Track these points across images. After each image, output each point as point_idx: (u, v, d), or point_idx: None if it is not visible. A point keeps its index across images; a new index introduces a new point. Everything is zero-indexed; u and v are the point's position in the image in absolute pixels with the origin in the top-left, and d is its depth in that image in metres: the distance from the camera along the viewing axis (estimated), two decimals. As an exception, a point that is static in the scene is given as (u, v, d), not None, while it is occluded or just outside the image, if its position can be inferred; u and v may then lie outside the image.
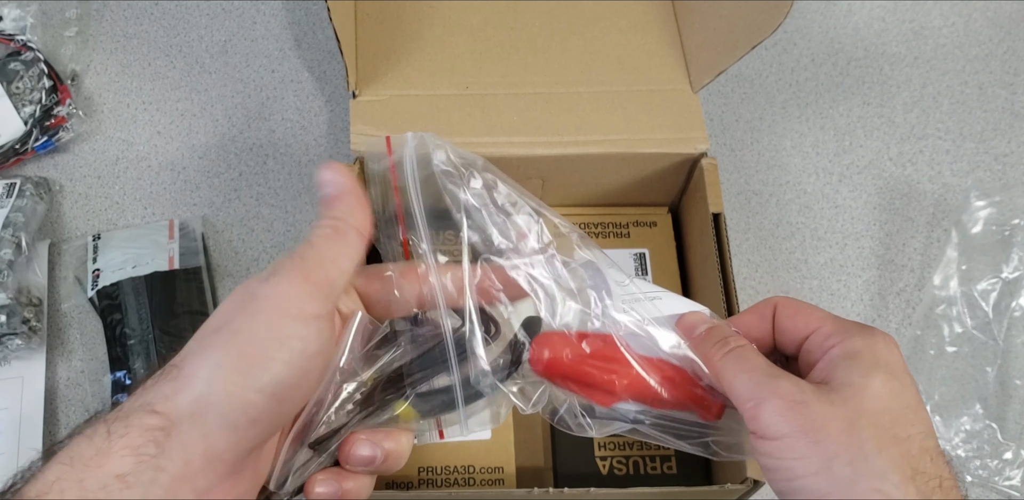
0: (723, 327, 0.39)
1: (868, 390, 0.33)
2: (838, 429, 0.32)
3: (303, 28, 0.79)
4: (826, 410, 0.32)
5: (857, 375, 0.34)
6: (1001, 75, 0.79)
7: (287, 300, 0.34)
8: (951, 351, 0.64)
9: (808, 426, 0.32)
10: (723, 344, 0.37)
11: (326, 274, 0.35)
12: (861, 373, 0.34)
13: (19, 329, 0.61)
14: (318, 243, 0.36)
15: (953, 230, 0.68)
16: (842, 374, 0.34)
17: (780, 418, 0.33)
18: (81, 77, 0.75)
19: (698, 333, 0.39)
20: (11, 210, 0.65)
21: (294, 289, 0.34)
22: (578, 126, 0.61)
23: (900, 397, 0.33)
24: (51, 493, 0.29)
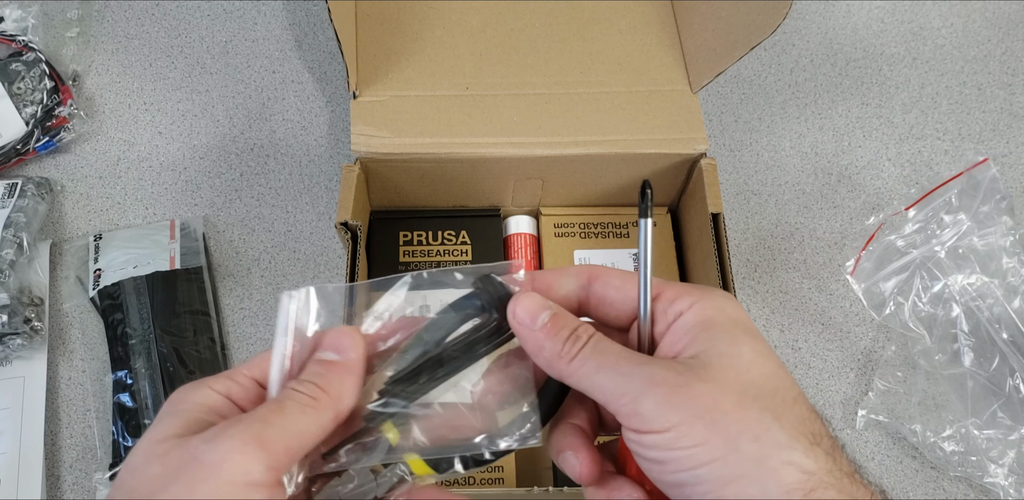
0: (566, 315, 0.34)
1: (742, 358, 0.31)
2: (732, 404, 0.29)
3: (304, 29, 0.79)
4: (711, 388, 0.30)
5: (725, 343, 0.31)
6: (1000, 76, 0.79)
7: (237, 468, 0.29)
8: (936, 348, 0.64)
9: (699, 409, 0.29)
10: (574, 339, 0.32)
11: (287, 446, 0.30)
12: (727, 340, 0.31)
13: (21, 329, 0.61)
14: (291, 411, 0.31)
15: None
16: (706, 344, 0.31)
17: (666, 407, 0.29)
18: (82, 78, 0.76)
19: (540, 325, 0.33)
20: (13, 210, 0.65)
21: (247, 457, 0.29)
22: (578, 126, 0.61)
23: (770, 358, 0.31)
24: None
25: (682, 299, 0.33)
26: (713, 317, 0.32)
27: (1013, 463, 0.60)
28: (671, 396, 0.30)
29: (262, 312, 0.67)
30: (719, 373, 0.30)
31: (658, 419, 0.29)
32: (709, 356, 0.31)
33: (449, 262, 0.65)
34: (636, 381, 0.30)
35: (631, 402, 0.30)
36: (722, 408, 0.29)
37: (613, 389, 0.31)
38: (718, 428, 0.29)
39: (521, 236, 0.66)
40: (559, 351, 0.32)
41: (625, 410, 0.30)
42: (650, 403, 0.30)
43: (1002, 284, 0.65)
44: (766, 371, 0.31)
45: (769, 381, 0.30)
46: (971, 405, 0.62)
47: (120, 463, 0.58)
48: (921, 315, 0.65)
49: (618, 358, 0.32)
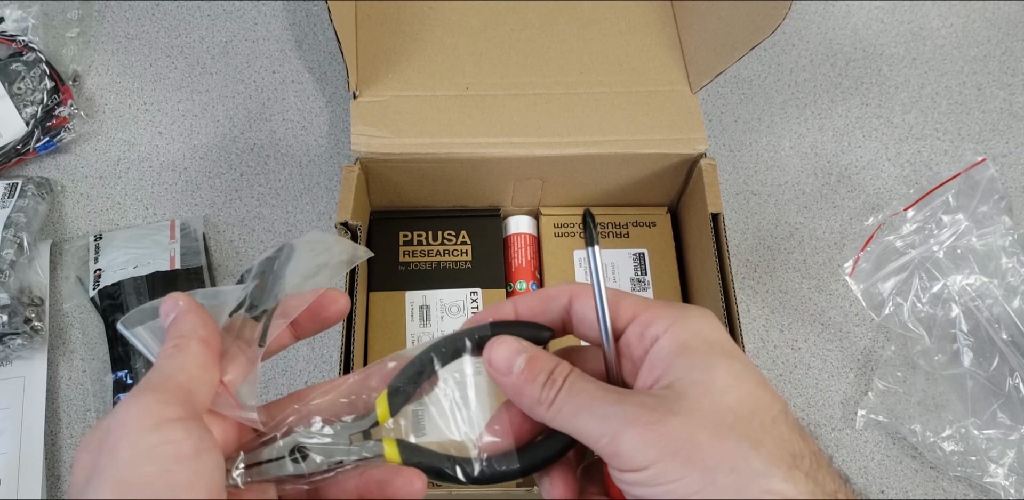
0: (540, 356, 0.34)
1: (716, 384, 0.30)
2: (706, 438, 0.29)
3: (304, 29, 0.79)
4: (685, 422, 0.30)
5: (698, 370, 0.31)
6: (999, 76, 0.79)
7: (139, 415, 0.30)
8: (935, 348, 0.64)
9: (674, 445, 0.29)
10: (551, 384, 0.32)
11: (175, 383, 0.31)
12: (701, 366, 0.31)
13: (21, 329, 0.62)
14: (162, 363, 0.32)
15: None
16: (681, 372, 0.31)
17: (642, 447, 0.29)
18: (83, 78, 0.76)
19: (517, 372, 0.33)
20: (13, 210, 0.65)
21: (142, 403, 0.30)
22: (578, 127, 0.61)
23: (747, 380, 0.31)
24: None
25: (657, 323, 0.33)
26: (687, 341, 0.32)
27: (1013, 463, 0.60)
28: (646, 434, 0.30)
29: (262, 312, 0.67)
30: (693, 403, 0.30)
31: (636, 458, 0.30)
32: (683, 385, 0.31)
33: (449, 262, 0.65)
34: (612, 422, 0.30)
35: (609, 443, 0.30)
36: (697, 441, 0.29)
37: (591, 431, 0.31)
38: (694, 462, 0.29)
39: (521, 236, 0.66)
40: (538, 397, 0.33)
41: (605, 451, 0.31)
42: (627, 443, 0.30)
43: (1001, 284, 0.65)
44: (742, 394, 0.30)
45: (745, 405, 0.30)
46: (971, 405, 0.62)
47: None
48: (920, 315, 0.65)
49: (592, 399, 0.32)
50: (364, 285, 0.61)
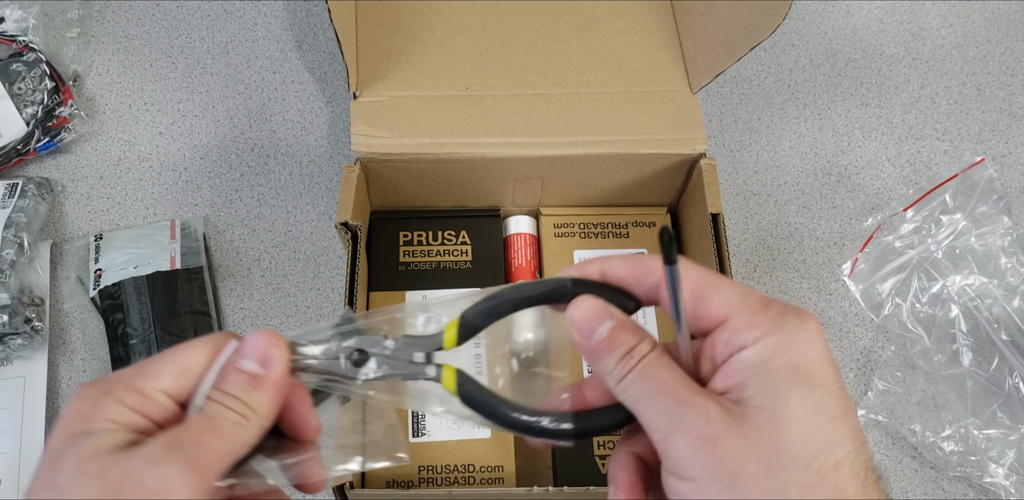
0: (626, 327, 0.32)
1: (784, 413, 0.28)
2: (756, 472, 0.28)
3: (304, 29, 0.79)
4: (740, 447, 0.28)
5: (771, 394, 0.29)
6: (999, 76, 0.79)
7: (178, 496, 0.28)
8: (935, 349, 0.64)
9: (722, 469, 0.28)
10: (627, 360, 0.31)
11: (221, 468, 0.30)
12: (775, 391, 0.29)
13: (21, 329, 0.62)
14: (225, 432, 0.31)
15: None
16: (754, 392, 0.29)
17: (690, 458, 0.28)
18: (83, 78, 0.76)
19: (597, 339, 0.32)
20: (13, 210, 0.65)
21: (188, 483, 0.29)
22: (577, 127, 0.61)
23: (821, 412, 0.29)
24: None
25: (746, 332, 0.30)
26: (771, 360, 0.29)
27: (1013, 463, 0.60)
28: (698, 447, 0.29)
29: (262, 312, 0.67)
30: (754, 430, 0.28)
31: (681, 465, 0.29)
32: (750, 406, 0.29)
33: (449, 262, 0.65)
34: (670, 422, 0.29)
35: (662, 440, 0.29)
36: (744, 474, 0.28)
37: (648, 422, 0.30)
38: (736, 493, 0.28)
39: (521, 236, 0.66)
40: (610, 370, 0.31)
41: (658, 446, 0.30)
42: (677, 448, 0.29)
43: (1001, 284, 0.65)
44: (809, 430, 0.28)
45: (809, 443, 0.28)
46: (970, 405, 0.62)
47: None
48: (920, 316, 0.65)
49: (660, 389, 0.30)
50: (364, 285, 0.61)
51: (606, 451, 0.58)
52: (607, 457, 0.58)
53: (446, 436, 0.58)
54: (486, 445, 0.58)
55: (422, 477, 0.57)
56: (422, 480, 0.57)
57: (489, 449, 0.58)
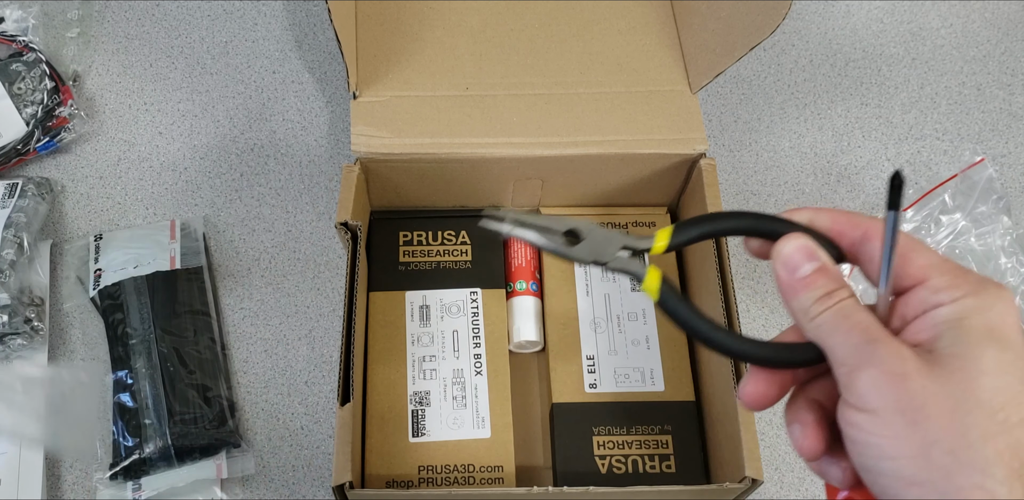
0: (829, 272, 0.33)
1: (977, 364, 0.29)
2: (941, 410, 0.28)
3: (304, 29, 0.79)
4: (928, 386, 0.29)
5: (965, 345, 0.29)
6: (999, 76, 0.79)
7: None
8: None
9: (907, 403, 0.28)
10: (827, 298, 0.32)
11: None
12: (970, 343, 0.29)
13: (21, 329, 0.62)
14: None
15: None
16: (948, 343, 0.30)
17: (875, 390, 0.29)
18: (83, 78, 0.76)
19: (800, 277, 0.33)
20: (13, 210, 0.65)
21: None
22: (577, 127, 0.61)
23: (1012, 371, 0.29)
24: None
25: (946, 292, 0.31)
26: (967, 318, 0.30)
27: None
28: (884, 381, 0.29)
29: (262, 312, 0.67)
30: (945, 373, 0.29)
31: (865, 398, 0.29)
32: (943, 355, 0.30)
33: (449, 262, 0.65)
34: (859, 355, 0.30)
35: (848, 373, 0.30)
36: (928, 410, 0.28)
37: (839, 355, 0.31)
38: (917, 429, 0.28)
39: (521, 236, 0.66)
40: (806, 308, 0.32)
41: (842, 379, 0.30)
42: (863, 380, 0.29)
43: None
44: (999, 384, 0.29)
45: (997, 395, 0.29)
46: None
47: (121, 463, 0.58)
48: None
49: (854, 326, 0.31)
50: (364, 285, 0.61)
51: (606, 451, 0.58)
52: (607, 457, 0.58)
53: (446, 436, 0.58)
54: (486, 445, 0.58)
55: (422, 477, 0.57)
56: (422, 480, 0.57)
57: (489, 449, 0.58)
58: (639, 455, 0.58)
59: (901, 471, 0.29)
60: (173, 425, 0.58)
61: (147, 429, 0.58)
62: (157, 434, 0.58)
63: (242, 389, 0.64)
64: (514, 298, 0.64)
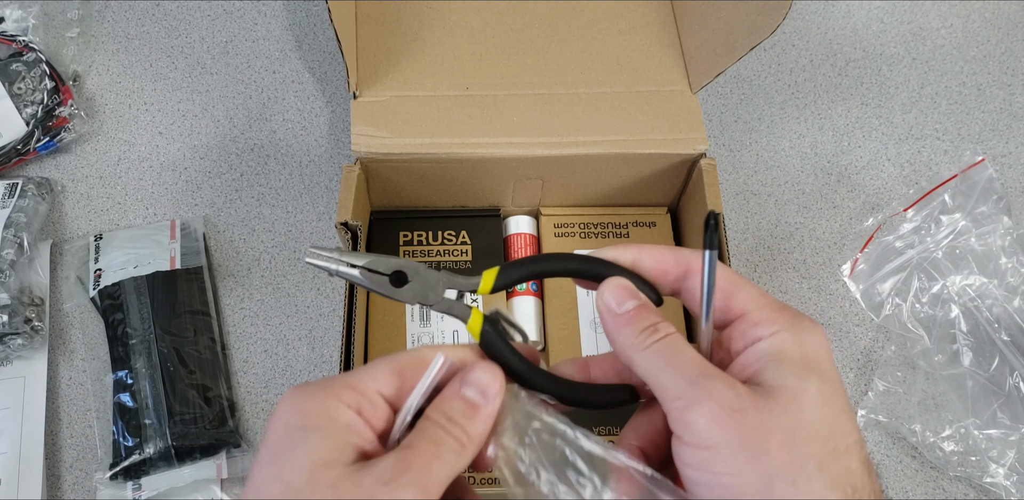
0: (651, 308, 0.34)
1: (804, 396, 0.30)
2: (778, 443, 0.29)
3: (304, 29, 0.79)
4: (765, 420, 0.29)
5: (791, 378, 0.30)
6: (999, 76, 0.79)
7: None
8: (935, 349, 0.64)
9: (746, 438, 0.29)
10: (652, 331, 0.33)
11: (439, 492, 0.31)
12: (795, 375, 0.30)
13: (21, 329, 0.62)
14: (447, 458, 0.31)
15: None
16: (773, 376, 0.31)
17: (714, 425, 0.29)
18: (83, 78, 0.76)
19: (624, 311, 0.33)
20: (13, 210, 0.65)
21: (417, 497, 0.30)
22: (578, 127, 0.61)
23: (833, 402, 0.31)
24: None
25: (764, 326, 0.32)
26: (787, 350, 0.31)
27: (1014, 463, 0.60)
28: (723, 416, 0.29)
29: (262, 312, 0.67)
30: (777, 407, 0.30)
31: (703, 434, 0.29)
32: (773, 387, 0.30)
33: (449, 262, 0.65)
34: (695, 390, 0.30)
35: (684, 408, 0.30)
36: (767, 444, 0.29)
37: (671, 390, 0.31)
38: (758, 464, 0.29)
39: (521, 236, 0.66)
40: (633, 339, 0.33)
41: (675, 415, 0.30)
42: (700, 416, 0.30)
43: (1001, 284, 0.65)
44: (824, 415, 0.30)
45: (824, 426, 0.30)
46: (971, 405, 0.62)
47: (121, 463, 0.58)
48: (920, 316, 0.65)
49: (687, 361, 0.31)
50: (364, 285, 0.61)
51: (606, 451, 0.58)
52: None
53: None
54: (486, 445, 0.58)
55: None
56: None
57: (489, 449, 0.58)
58: (639, 455, 0.58)
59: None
60: (173, 425, 0.58)
61: (147, 429, 0.58)
62: (157, 434, 0.58)
63: (242, 389, 0.64)
64: (514, 298, 0.64)
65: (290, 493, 0.29)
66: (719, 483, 0.29)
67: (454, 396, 0.33)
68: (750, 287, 0.34)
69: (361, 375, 0.33)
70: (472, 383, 0.33)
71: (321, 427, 0.31)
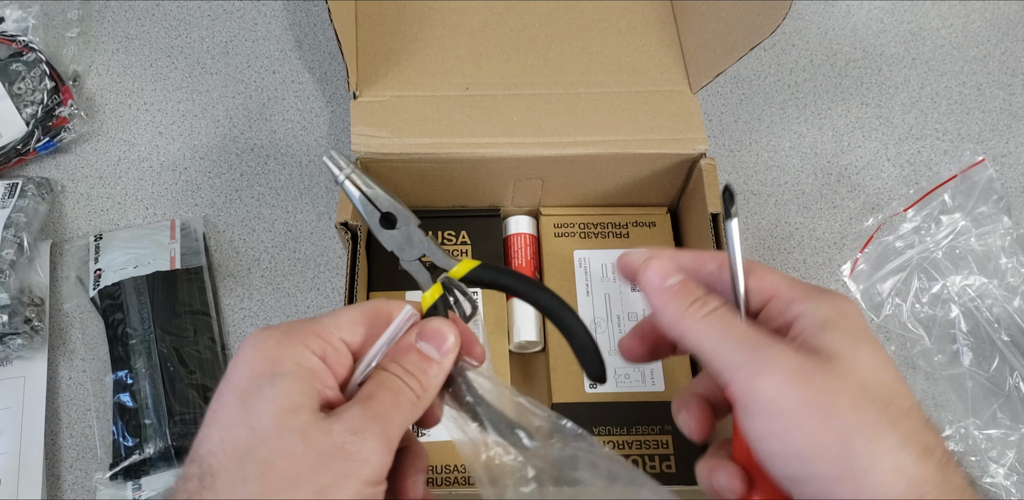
0: (695, 283, 0.34)
1: (860, 360, 0.30)
2: (847, 405, 0.29)
3: (304, 29, 0.79)
4: (832, 383, 0.29)
5: (846, 344, 0.30)
6: (999, 76, 0.79)
7: (376, 469, 0.30)
8: (935, 349, 0.64)
9: (817, 400, 0.29)
10: (701, 304, 0.32)
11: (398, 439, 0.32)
12: (848, 342, 0.30)
13: (21, 329, 0.62)
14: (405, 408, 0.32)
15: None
16: (828, 343, 0.30)
17: (784, 390, 0.29)
18: (83, 78, 0.76)
19: (669, 285, 0.33)
20: (13, 210, 0.65)
21: (383, 456, 0.30)
22: (577, 127, 0.61)
23: (889, 367, 0.31)
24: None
25: (800, 302, 0.32)
26: (835, 319, 0.31)
27: (1014, 463, 0.60)
28: (793, 380, 0.29)
29: (262, 312, 0.67)
30: (840, 370, 0.30)
31: (775, 400, 0.29)
32: (830, 353, 0.30)
33: (449, 262, 0.65)
34: (760, 356, 0.30)
35: (749, 377, 0.30)
36: (840, 404, 0.29)
37: (734, 360, 0.30)
38: (833, 423, 0.29)
39: (521, 236, 0.66)
40: (684, 310, 0.33)
41: (742, 385, 0.30)
42: (769, 382, 0.29)
43: (1001, 284, 0.65)
44: (884, 378, 0.30)
45: (886, 388, 0.30)
46: (971, 405, 0.62)
47: (121, 463, 0.58)
48: (920, 316, 0.65)
49: (745, 331, 0.31)
50: (364, 285, 0.61)
51: (606, 451, 0.58)
52: (607, 457, 0.58)
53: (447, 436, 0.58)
54: (486, 445, 0.58)
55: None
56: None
57: (489, 449, 0.58)
58: (639, 455, 0.58)
59: (828, 469, 0.29)
60: (173, 425, 0.58)
61: (147, 429, 0.58)
62: (157, 434, 0.58)
63: (242, 389, 0.64)
64: (514, 298, 0.64)
65: (258, 438, 0.29)
66: (795, 452, 0.29)
67: (410, 349, 0.34)
68: (774, 271, 0.34)
69: (326, 322, 0.33)
70: (428, 337, 0.34)
71: (287, 373, 0.31)
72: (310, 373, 0.32)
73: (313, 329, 0.33)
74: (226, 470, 0.29)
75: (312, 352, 0.32)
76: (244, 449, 0.29)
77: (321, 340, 0.33)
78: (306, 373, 0.31)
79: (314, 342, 0.32)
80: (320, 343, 0.33)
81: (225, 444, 0.30)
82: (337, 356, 0.33)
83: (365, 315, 0.34)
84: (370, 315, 0.35)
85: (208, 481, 0.29)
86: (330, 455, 0.29)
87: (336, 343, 0.33)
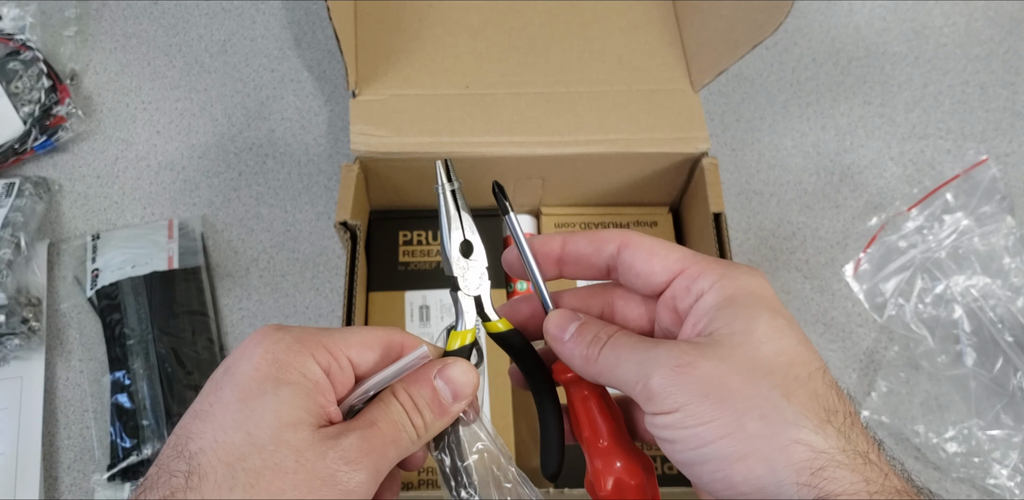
0: (593, 321, 0.35)
1: (755, 334, 0.30)
2: (738, 383, 0.29)
3: (303, 27, 0.79)
4: (717, 366, 0.30)
5: (740, 320, 0.31)
6: (1002, 74, 0.79)
7: (359, 496, 0.31)
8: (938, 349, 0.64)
9: (704, 388, 0.29)
10: (596, 341, 0.34)
11: (384, 475, 0.32)
12: (744, 317, 0.31)
13: (18, 329, 0.61)
14: (402, 445, 0.32)
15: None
16: (722, 322, 0.31)
17: (671, 388, 0.30)
18: (80, 76, 0.75)
19: (569, 335, 0.35)
20: (10, 210, 0.65)
21: (370, 489, 0.31)
22: (578, 126, 0.61)
23: (788, 334, 0.31)
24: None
25: (704, 277, 0.33)
26: (733, 295, 0.32)
27: (1017, 464, 0.60)
28: (676, 376, 0.30)
29: (260, 312, 0.66)
30: (728, 351, 0.30)
31: (666, 399, 0.30)
32: (722, 334, 0.31)
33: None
34: (645, 366, 0.31)
35: (642, 387, 0.31)
36: (728, 386, 0.29)
37: (628, 378, 0.31)
38: (724, 406, 0.29)
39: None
40: (586, 355, 0.34)
41: (640, 395, 0.31)
42: (656, 385, 0.30)
43: (1005, 284, 0.64)
44: (780, 346, 0.30)
45: (782, 356, 0.30)
46: (974, 406, 0.62)
47: (118, 464, 0.58)
48: (923, 316, 0.65)
49: (632, 348, 0.32)
50: (364, 285, 0.61)
51: (607, 453, 0.58)
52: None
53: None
54: (486, 446, 0.58)
55: (422, 479, 0.57)
56: (422, 482, 0.57)
57: (489, 451, 0.58)
58: (640, 457, 0.58)
59: (724, 450, 0.29)
60: (171, 426, 0.58)
61: (145, 430, 0.58)
62: (155, 435, 0.58)
63: (240, 390, 0.63)
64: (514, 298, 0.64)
65: (253, 447, 0.29)
66: (693, 435, 0.29)
67: (426, 383, 0.34)
68: (682, 248, 0.34)
69: (338, 338, 0.33)
70: (448, 380, 0.34)
71: (293, 383, 0.31)
72: (314, 387, 0.31)
73: (324, 341, 0.33)
74: (215, 473, 0.29)
75: (319, 365, 0.32)
76: (237, 455, 0.29)
77: (329, 355, 0.32)
78: (311, 387, 0.31)
79: (323, 355, 0.32)
80: (328, 357, 0.32)
81: (218, 445, 0.30)
82: (340, 374, 0.33)
83: (378, 342, 0.34)
84: (384, 343, 0.34)
85: (195, 481, 0.29)
86: (319, 480, 0.29)
87: (343, 361, 0.33)
